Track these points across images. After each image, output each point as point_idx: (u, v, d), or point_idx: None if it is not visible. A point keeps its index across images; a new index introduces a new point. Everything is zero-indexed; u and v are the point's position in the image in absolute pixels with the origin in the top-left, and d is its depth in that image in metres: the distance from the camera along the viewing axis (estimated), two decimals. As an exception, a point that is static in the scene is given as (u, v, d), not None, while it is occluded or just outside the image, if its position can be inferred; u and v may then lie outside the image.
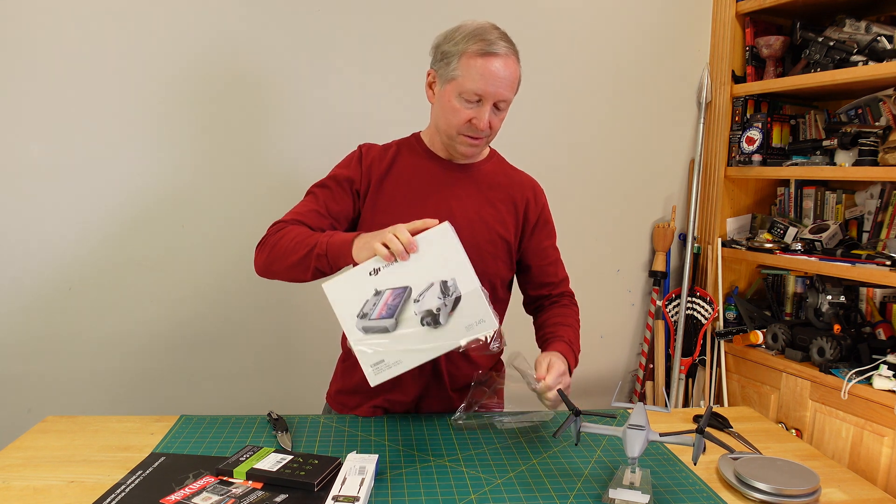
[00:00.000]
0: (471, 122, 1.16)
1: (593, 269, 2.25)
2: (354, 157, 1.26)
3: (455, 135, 1.19)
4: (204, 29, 1.75)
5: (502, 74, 1.13)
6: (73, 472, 1.01)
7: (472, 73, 1.12)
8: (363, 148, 1.27)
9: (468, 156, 1.24)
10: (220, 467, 0.99)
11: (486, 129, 1.17)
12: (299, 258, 1.09)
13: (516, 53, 1.17)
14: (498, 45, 1.13)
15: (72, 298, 1.74)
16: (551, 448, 1.15)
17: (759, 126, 2.15)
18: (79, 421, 1.20)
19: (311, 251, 1.08)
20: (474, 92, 1.13)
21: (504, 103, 1.17)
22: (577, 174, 2.19)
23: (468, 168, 1.27)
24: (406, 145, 1.28)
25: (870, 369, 1.76)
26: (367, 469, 0.99)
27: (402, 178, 1.24)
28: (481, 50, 1.12)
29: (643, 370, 2.35)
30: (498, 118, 1.19)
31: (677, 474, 1.06)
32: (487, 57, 1.12)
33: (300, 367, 1.96)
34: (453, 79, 1.15)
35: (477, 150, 1.23)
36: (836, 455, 1.81)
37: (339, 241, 1.06)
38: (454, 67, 1.14)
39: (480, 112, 1.15)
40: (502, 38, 1.15)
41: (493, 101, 1.15)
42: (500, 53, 1.13)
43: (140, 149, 1.75)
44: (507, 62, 1.14)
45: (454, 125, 1.18)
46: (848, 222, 2.12)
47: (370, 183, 1.23)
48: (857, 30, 1.94)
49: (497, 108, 1.17)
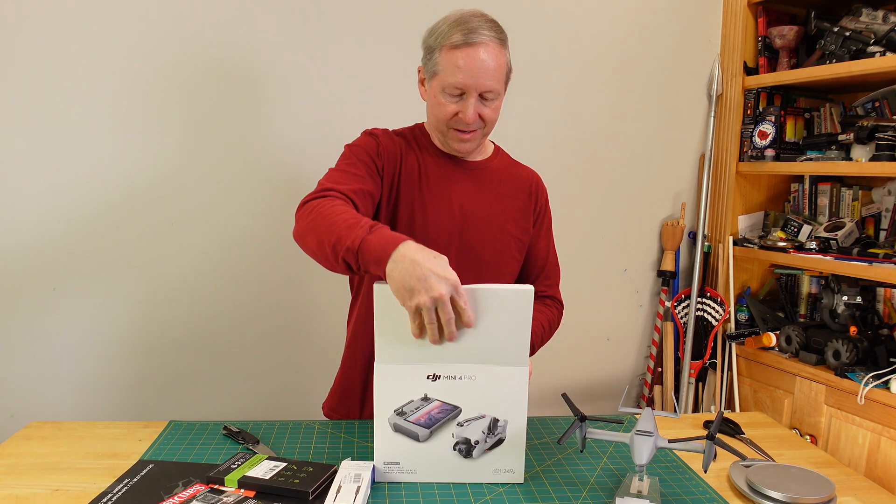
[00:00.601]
0: (457, 115, 1.13)
1: (599, 269, 2.23)
2: (372, 141, 1.17)
3: (446, 130, 1.17)
4: (193, 21, 1.73)
5: (482, 65, 1.09)
6: (57, 480, 0.99)
7: (451, 66, 1.10)
8: (378, 133, 1.21)
9: (463, 151, 1.21)
10: (211, 475, 0.98)
11: (475, 121, 1.14)
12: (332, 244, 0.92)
13: (501, 40, 1.12)
14: (477, 35, 1.09)
15: (56, 299, 1.72)
16: (555, 455, 1.12)
17: (772, 120, 2.13)
18: (64, 427, 1.18)
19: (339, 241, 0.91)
20: (454, 85, 1.10)
21: (491, 93, 1.13)
22: (583, 170, 2.16)
23: (478, 165, 1.25)
24: (412, 138, 1.25)
25: (888, 373, 1.73)
26: (363, 476, 0.97)
27: (413, 172, 1.20)
28: (459, 41, 1.09)
29: (651, 374, 2.32)
30: (489, 109, 1.15)
31: (687, 482, 1.04)
32: (465, 48, 1.09)
33: (294, 370, 1.94)
34: (436, 73, 1.13)
35: (471, 144, 1.19)
36: (853, 462, 1.78)
37: (376, 245, 0.88)
38: (436, 62, 1.12)
39: (465, 105, 1.12)
40: (483, 26, 1.10)
41: (478, 93, 1.11)
42: (478, 43, 1.09)
43: (126, 144, 1.73)
44: (488, 51, 1.09)
45: (442, 120, 1.15)
46: (864, 220, 2.09)
47: (393, 173, 1.18)
48: (875, 19, 1.91)
49: (484, 98, 1.13)
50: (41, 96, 1.65)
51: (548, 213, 1.33)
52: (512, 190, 1.26)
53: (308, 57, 1.83)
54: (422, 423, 0.99)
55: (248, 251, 1.85)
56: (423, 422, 0.99)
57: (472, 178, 1.23)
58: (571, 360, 2.21)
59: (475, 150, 1.23)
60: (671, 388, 2.25)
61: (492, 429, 1.00)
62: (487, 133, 1.20)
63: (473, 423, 0.99)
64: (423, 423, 0.99)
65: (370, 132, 1.21)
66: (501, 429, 1.00)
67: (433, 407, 0.99)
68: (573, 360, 2.22)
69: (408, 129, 1.27)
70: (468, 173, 1.23)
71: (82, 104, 1.68)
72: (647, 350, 2.34)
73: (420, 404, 0.99)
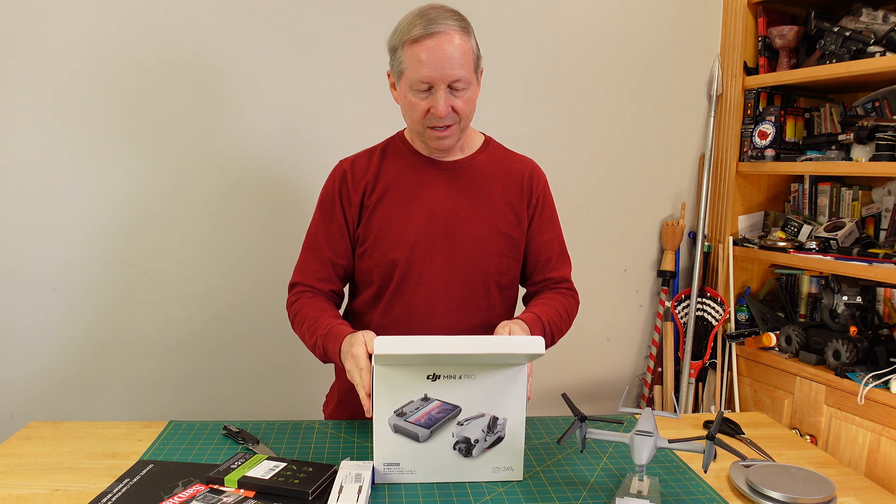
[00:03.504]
0: (430, 112, 1.12)
1: (599, 269, 2.22)
2: (336, 178, 1.24)
3: (422, 130, 1.15)
4: (188, 26, 1.73)
5: (445, 54, 1.07)
6: (57, 480, 0.99)
7: (415, 60, 1.08)
8: (344, 165, 1.24)
9: (443, 149, 1.19)
10: (211, 475, 0.97)
11: (448, 114, 1.12)
12: (310, 346, 1.17)
13: (463, 28, 1.11)
14: (436, 25, 1.07)
15: (56, 299, 1.72)
16: (555, 455, 1.12)
17: (772, 119, 2.12)
18: (63, 427, 1.18)
19: (313, 345, 1.15)
20: (420, 80, 1.09)
21: (460, 83, 1.10)
22: (583, 169, 2.16)
23: (459, 164, 1.23)
24: (391, 147, 1.25)
25: (888, 373, 1.72)
26: (364, 476, 0.97)
27: (391, 183, 1.21)
28: (419, 34, 1.07)
29: (651, 374, 2.32)
30: (461, 100, 1.12)
31: (687, 482, 1.04)
32: (425, 39, 1.07)
33: (294, 370, 1.93)
34: (402, 72, 1.11)
35: (449, 141, 1.17)
36: (853, 462, 1.77)
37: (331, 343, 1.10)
38: (401, 60, 1.11)
39: (435, 100, 1.10)
40: (442, 16, 1.08)
41: (446, 84, 1.09)
42: (438, 32, 1.07)
43: (126, 145, 1.72)
44: (449, 38, 1.07)
45: (417, 120, 1.14)
46: (864, 220, 2.08)
47: (361, 197, 1.21)
48: (875, 19, 1.90)
49: (455, 89, 1.11)
50: (43, 103, 1.65)
51: (548, 203, 1.29)
52: (500, 185, 1.23)
53: (304, 63, 1.83)
54: (422, 424, 0.99)
55: (249, 251, 1.85)
56: (423, 422, 0.99)
57: (452, 177, 1.21)
58: (571, 360, 2.21)
59: (455, 146, 1.20)
60: (671, 388, 2.25)
61: (491, 427, 1.00)
62: (465, 127, 1.18)
63: (473, 421, 0.99)
64: (422, 424, 0.99)
65: (334, 172, 1.25)
66: (501, 427, 1.00)
67: (433, 407, 0.99)
68: (573, 360, 2.21)
69: (386, 140, 1.27)
70: (447, 174, 1.21)
71: (81, 110, 1.68)
72: (647, 350, 2.34)
73: (420, 404, 0.98)
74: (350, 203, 1.21)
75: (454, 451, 1.00)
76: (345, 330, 1.10)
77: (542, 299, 1.25)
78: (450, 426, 0.99)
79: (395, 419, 0.99)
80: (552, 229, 1.29)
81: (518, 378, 0.98)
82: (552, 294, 1.27)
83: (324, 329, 1.12)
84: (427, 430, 0.99)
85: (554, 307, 1.22)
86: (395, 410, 0.98)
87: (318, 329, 1.13)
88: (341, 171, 1.23)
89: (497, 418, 1.00)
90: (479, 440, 1.00)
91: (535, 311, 1.18)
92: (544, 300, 1.24)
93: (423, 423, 0.99)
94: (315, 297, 1.22)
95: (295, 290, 1.24)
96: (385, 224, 1.19)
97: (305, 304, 1.20)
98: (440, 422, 0.99)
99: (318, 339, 1.13)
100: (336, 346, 1.09)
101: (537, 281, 1.29)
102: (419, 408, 0.98)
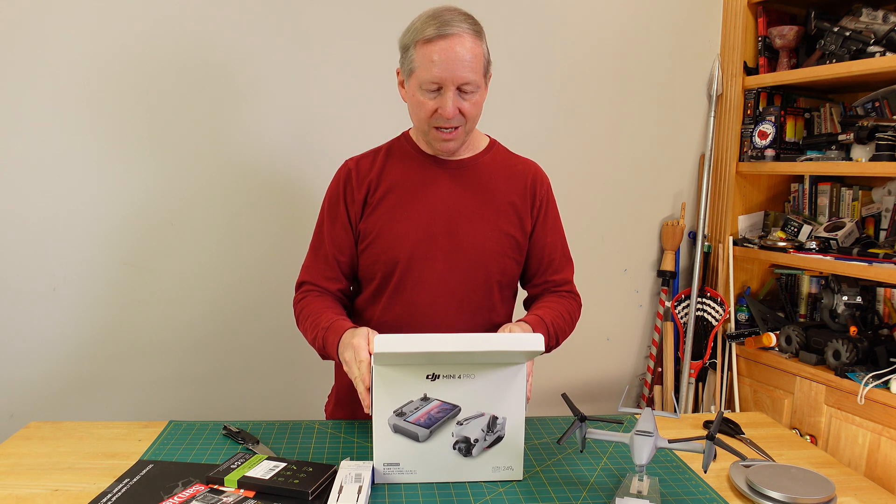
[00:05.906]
0: (437, 112, 1.12)
1: (599, 269, 2.22)
2: (341, 177, 1.24)
3: (428, 130, 1.16)
4: (189, 24, 1.73)
5: (457, 56, 1.08)
6: (57, 480, 0.99)
7: (426, 60, 1.09)
8: (349, 164, 1.25)
9: (448, 151, 1.20)
10: (211, 475, 0.97)
11: (455, 116, 1.12)
12: (311, 340, 1.18)
13: (476, 32, 1.11)
14: (449, 27, 1.08)
15: (56, 299, 1.72)
16: (555, 455, 1.12)
17: (772, 120, 2.12)
18: (63, 427, 1.18)
19: (314, 339, 1.16)
20: (430, 80, 1.10)
21: (469, 86, 1.11)
22: (583, 170, 2.16)
23: (463, 163, 1.23)
24: (396, 147, 1.25)
25: (888, 373, 1.72)
26: (364, 476, 0.97)
27: (395, 181, 1.21)
28: (432, 34, 1.08)
29: (651, 374, 2.32)
30: (469, 103, 1.13)
31: (687, 482, 1.04)
32: (438, 41, 1.08)
33: (294, 370, 1.93)
34: (412, 71, 1.12)
35: (454, 143, 1.18)
36: (853, 462, 1.77)
37: (331, 336, 1.11)
38: (412, 59, 1.11)
39: (443, 100, 1.11)
40: (456, 19, 1.09)
41: (456, 86, 1.10)
42: (450, 34, 1.08)
43: (130, 145, 1.72)
44: (462, 41, 1.08)
45: (423, 119, 1.14)
46: (864, 220, 2.08)
47: (365, 195, 1.21)
48: (875, 19, 1.90)
49: (463, 91, 1.12)
50: (42, 101, 1.65)
51: (551, 206, 1.29)
52: (504, 186, 1.23)
53: (311, 62, 1.82)
54: (421, 423, 0.99)
55: (249, 252, 1.85)
56: (422, 422, 0.99)
57: (457, 176, 1.22)
58: (571, 360, 2.21)
59: (459, 148, 1.21)
60: (671, 388, 2.25)
61: (491, 426, 1.00)
62: (471, 129, 1.19)
63: (473, 421, 0.99)
64: (422, 423, 0.99)
65: (339, 171, 1.26)
66: (500, 426, 1.00)
67: (433, 406, 0.99)
68: (573, 360, 2.21)
69: (391, 140, 1.27)
70: (452, 172, 1.22)
71: (81, 108, 1.67)
72: (647, 350, 2.34)
73: (420, 404, 0.98)
74: (353, 200, 1.22)
75: (454, 450, 1.00)
76: (347, 325, 1.11)
77: (544, 302, 1.25)
78: (449, 426, 0.99)
79: (394, 419, 0.99)
80: (555, 232, 1.30)
81: (517, 377, 0.98)
82: (554, 297, 1.27)
83: (326, 323, 1.13)
84: (427, 429, 0.99)
85: (557, 310, 1.22)
86: (394, 410, 0.98)
87: (321, 323, 1.13)
88: (346, 170, 1.24)
89: (496, 418, 1.00)
90: (478, 440, 1.00)
91: (539, 313, 1.18)
92: (547, 303, 1.25)
93: (422, 423, 0.99)
94: (322, 295, 1.23)
95: (303, 289, 1.25)
96: (388, 221, 1.20)
97: (312, 302, 1.21)
98: (440, 421, 0.99)
99: (319, 332, 1.13)
100: (335, 340, 1.09)
101: (539, 283, 1.29)
102: (419, 408, 0.98)
